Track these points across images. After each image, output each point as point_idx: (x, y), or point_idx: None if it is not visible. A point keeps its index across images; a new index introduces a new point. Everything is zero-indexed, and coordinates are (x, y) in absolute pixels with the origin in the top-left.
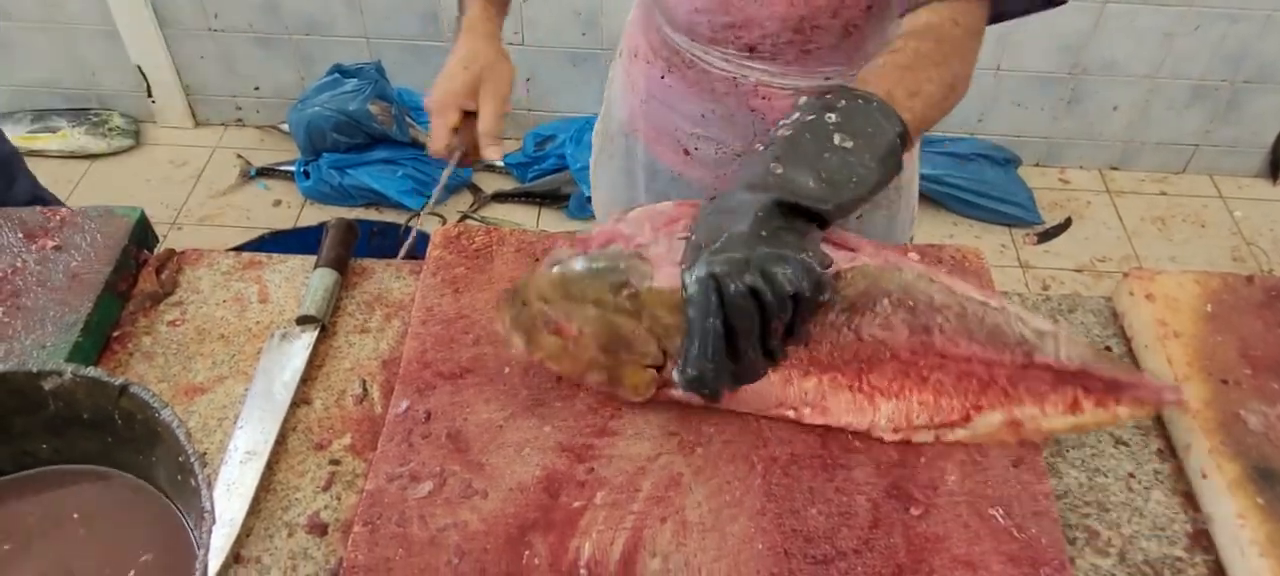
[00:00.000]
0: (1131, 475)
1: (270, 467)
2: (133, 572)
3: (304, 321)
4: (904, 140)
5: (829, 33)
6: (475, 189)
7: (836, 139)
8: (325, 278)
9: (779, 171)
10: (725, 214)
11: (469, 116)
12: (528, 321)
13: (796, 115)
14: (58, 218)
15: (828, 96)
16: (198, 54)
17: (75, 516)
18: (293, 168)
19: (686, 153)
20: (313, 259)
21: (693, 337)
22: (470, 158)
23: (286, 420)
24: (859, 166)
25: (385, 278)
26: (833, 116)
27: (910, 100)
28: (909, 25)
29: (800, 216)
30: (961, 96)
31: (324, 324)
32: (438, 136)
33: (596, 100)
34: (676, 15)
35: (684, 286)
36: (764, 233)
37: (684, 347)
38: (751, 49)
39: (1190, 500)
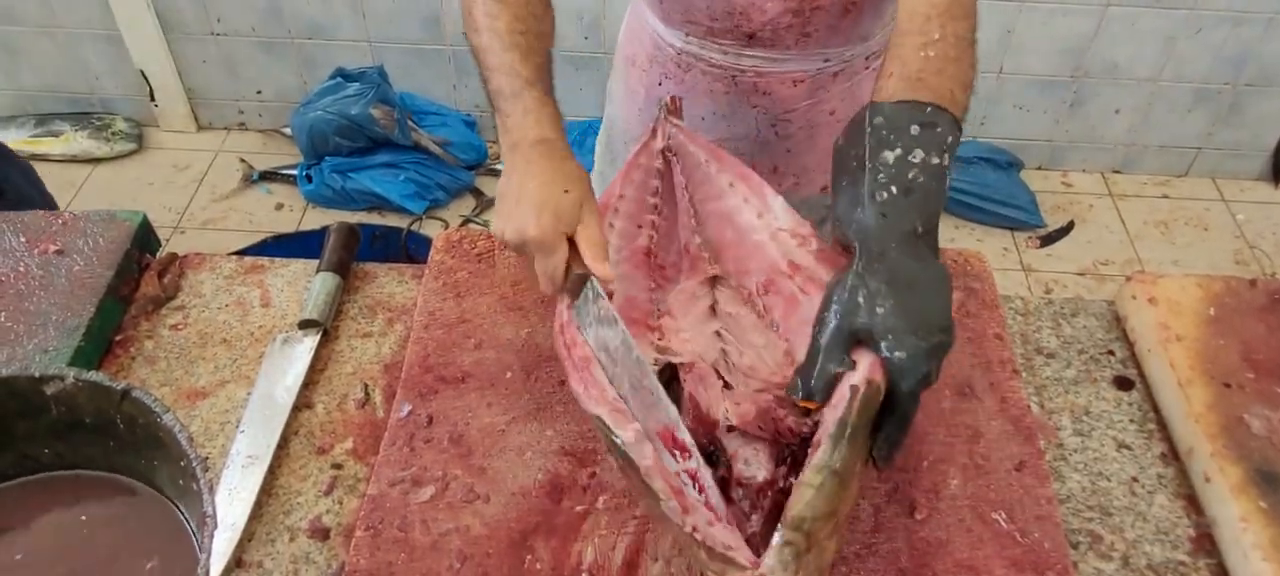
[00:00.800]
0: (1135, 479)
1: (272, 472)
2: None
3: (306, 326)
4: (959, 131)
5: (828, 13)
6: (478, 193)
7: (949, 183)
8: (327, 282)
9: (921, 231)
10: (911, 291)
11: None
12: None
13: (916, 150)
14: (60, 222)
15: (938, 128)
16: (200, 58)
17: (80, 521)
18: (295, 171)
19: None
20: (315, 263)
21: (902, 423)
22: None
23: (288, 424)
24: (945, 188)
25: (387, 282)
26: (947, 159)
27: (964, 94)
28: (933, 3)
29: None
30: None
31: (326, 328)
32: (554, 276)
33: (598, 104)
34: (673, 11)
35: (896, 385)
36: (944, 314)
37: (887, 434)
38: (751, 36)
39: (1193, 504)
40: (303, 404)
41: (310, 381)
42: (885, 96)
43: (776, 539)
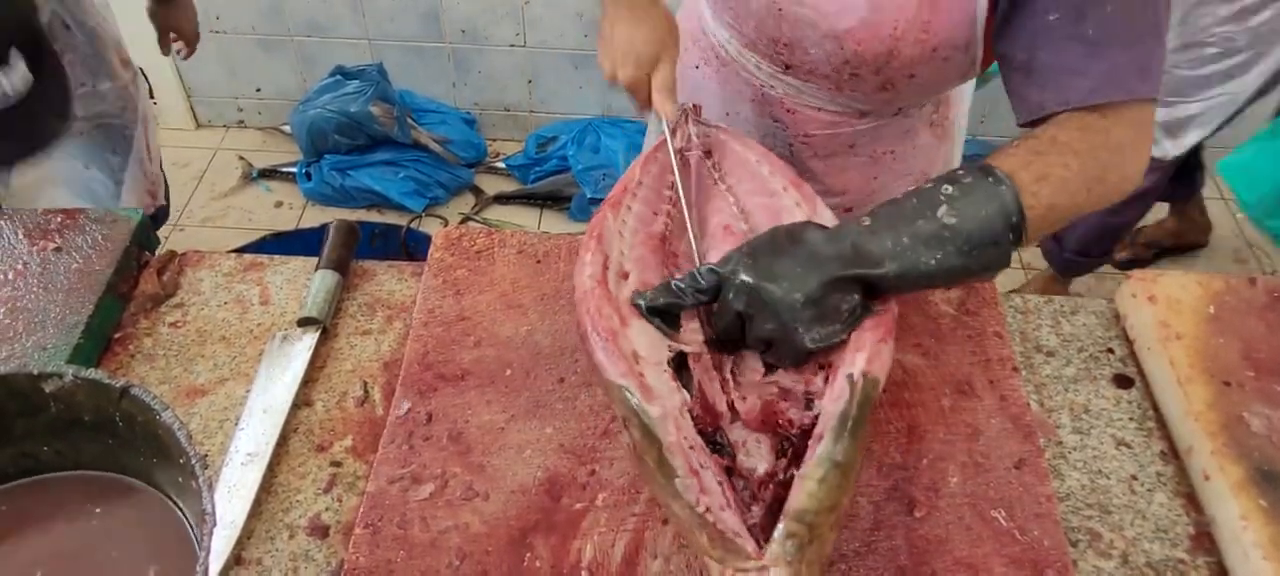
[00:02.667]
0: (1134, 477)
1: (271, 469)
2: None
3: (305, 323)
4: (1018, 232)
5: (867, 83)
6: (477, 190)
7: (941, 212)
8: (326, 280)
9: (866, 222)
10: (790, 253)
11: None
12: None
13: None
14: (59, 219)
15: (960, 170)
16: (199, 55)
17: (79, 521)
18: (294, 169)
19: None
20: (314, 260)
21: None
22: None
23: (288, 422)
24: (946, 248)
25: (387, 279)
26: (949, 188)
27: (1036, 185)
28: (1054, 125)
29: (857, 282)
30: (1120, 192)
31: (325, 326)
32: (639, 107)
33: (598, 102)
34: (724, 9)
35: (712, 271)
36: (810, 297)
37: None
38: (788, 67)
39: (1193, 502)
40: (302, 401)
41: (309, 379)
42: None
43: (780, 530)
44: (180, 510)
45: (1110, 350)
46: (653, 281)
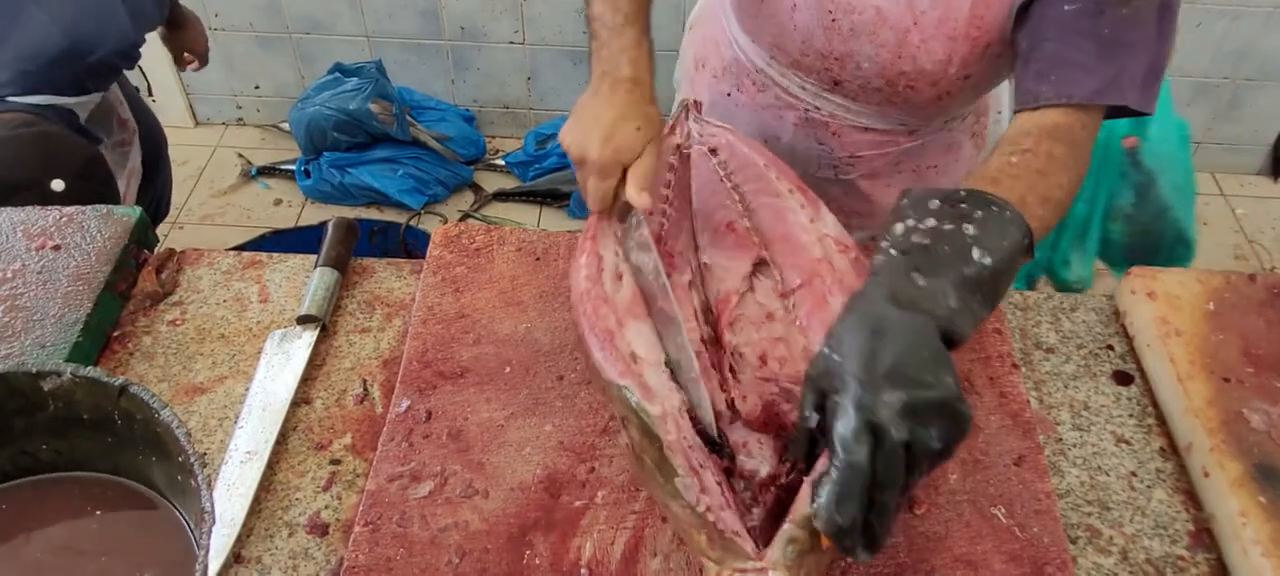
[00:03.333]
0: (1133, 474)
1: (271, 467)
2: None
3: (304, 321)
4: (1029, 251)
5: (921, 94)
6: (476, 188)
7: (975, 254)
8: (326, 277)
9: (922, 285)
10: (877, 336)
11: None
12: None
13: (929, 219)
14: (58, 218)
15: (963, 205)
16: None
17: (78, 521)
18: (293, 167)
19: None
20: (313, 258)
21: (843, 484)
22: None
23: (287, 420)
24: (985, 290)
25: (386, 277)
26: (971, 229)
27: (1042, 209)
28: (1034, 123)
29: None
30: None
31: (324, 323)
32: (602, 198)
33: None
34: (762, 31)
35: (833, 431)
36: (915, 364)
37: (829, 493)
38: (837, 83)
39: (1192, 499)
40: (301, 399)
41: (309, 377)
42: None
43: (784, 532)
44: (178, 509)
45: (1110, 347)
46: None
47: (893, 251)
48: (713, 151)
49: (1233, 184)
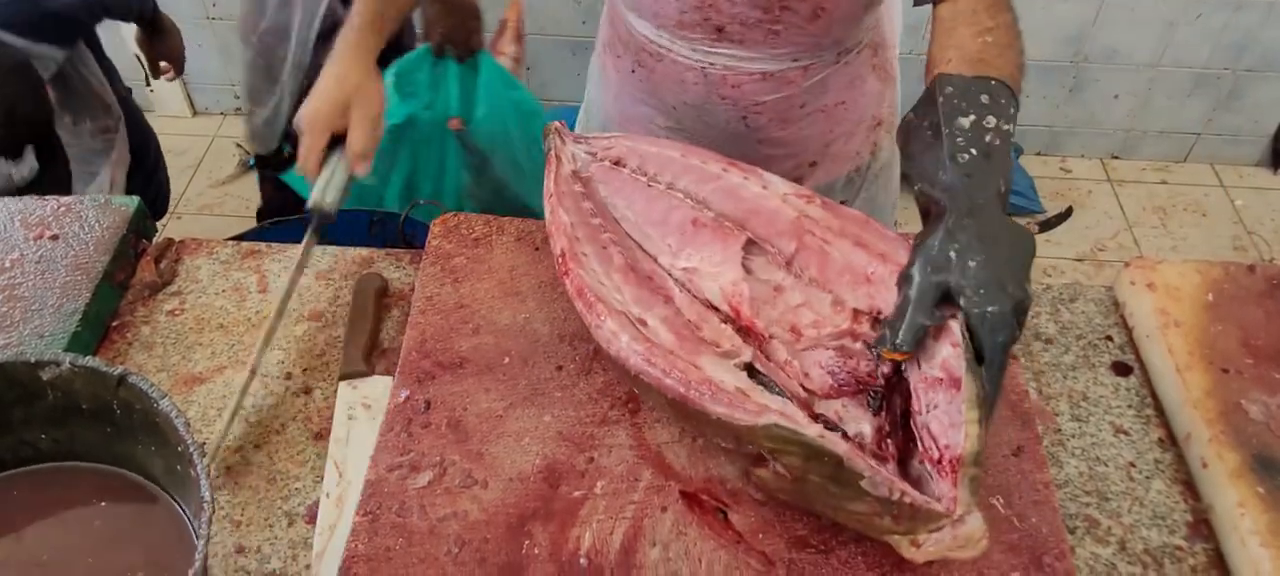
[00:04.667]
0: (1132, 464)
1: (270, 457)
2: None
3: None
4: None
5: (797, 14)
6: None
7: (1010, 151)
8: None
9: (1002, 189)
10: (993, 246)
11: (338, 139)
12: None
13: (988, 115)
14: (57, 207)
15: (996, 94)
16: (196, 43)
17: (77, 509)
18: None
19: None
20: (313, 252)
21: (995, 379)
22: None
23: (286, 409)
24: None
25: (384, 267)
26: (1007, 127)
27: (1021, 76)
28: (978, 1)
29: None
30: None
31: (332, 217)
32: (309, 157)
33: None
34: (643, 4)
35: (982, 320)
36: (1028, 270)
37: (992, 378)
38: (719, 30)
39: (1190, 489)
40: (300, 389)
41: (308, 366)
42: (953, 71)
43: (965, 476)
44: (177, 499)
45: (1109, 337)
46: (659, 310)
47: (974, 151)
48: (618, 163)
49: (1232, 175)
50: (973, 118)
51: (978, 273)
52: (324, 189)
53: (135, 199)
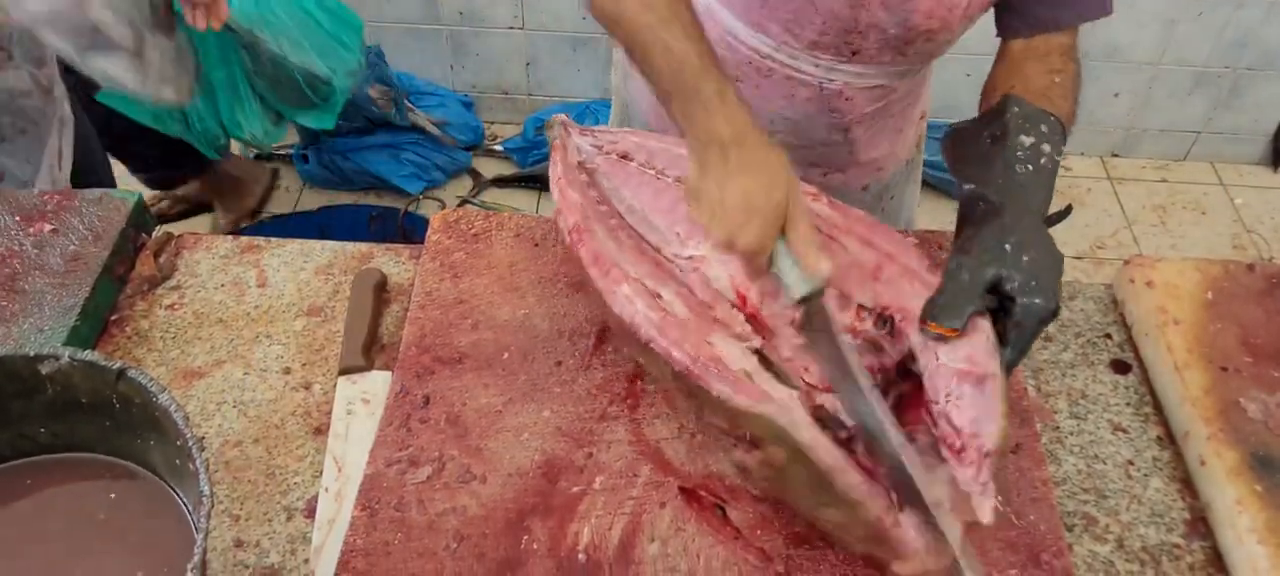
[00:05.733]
0: (1130, 462)
1: (268, 452)
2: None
3: None
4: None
5: (936, 42)
6: (475, 173)
7: (1045, 155)
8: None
9: (1045, 209)
10: (1040, 249)
11: None
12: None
13: (1044, 143)
14: (55, 201)
15: (1055, 126)
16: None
17: (77, 503)
18: (292, 151)
19: None
20: (313, 247)
21: (1024, 349)
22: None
23: (284, 404)
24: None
25: (384, 262)
26: (1056, 156)
27: (1075, 111)
28: (1055, 44)
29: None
30: None
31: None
32: (760, 272)
33: (597, 84)
34: (769, 19)
35: (1023, 311)
36: (1059, 277)
37: (1017, 348)
38: (855, 53)
39: (1188, 487)
40: (299, 384)
41: (307, 361)
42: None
43: (989, 466)
44: (177, 492)
45: (1108, 335)
46: (672, 286)
47: (1030, 166)
48: (625, 156)
49: (1232, 174)
50: (1032, 139)
51: (1030, 266)
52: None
53: (136, 193)
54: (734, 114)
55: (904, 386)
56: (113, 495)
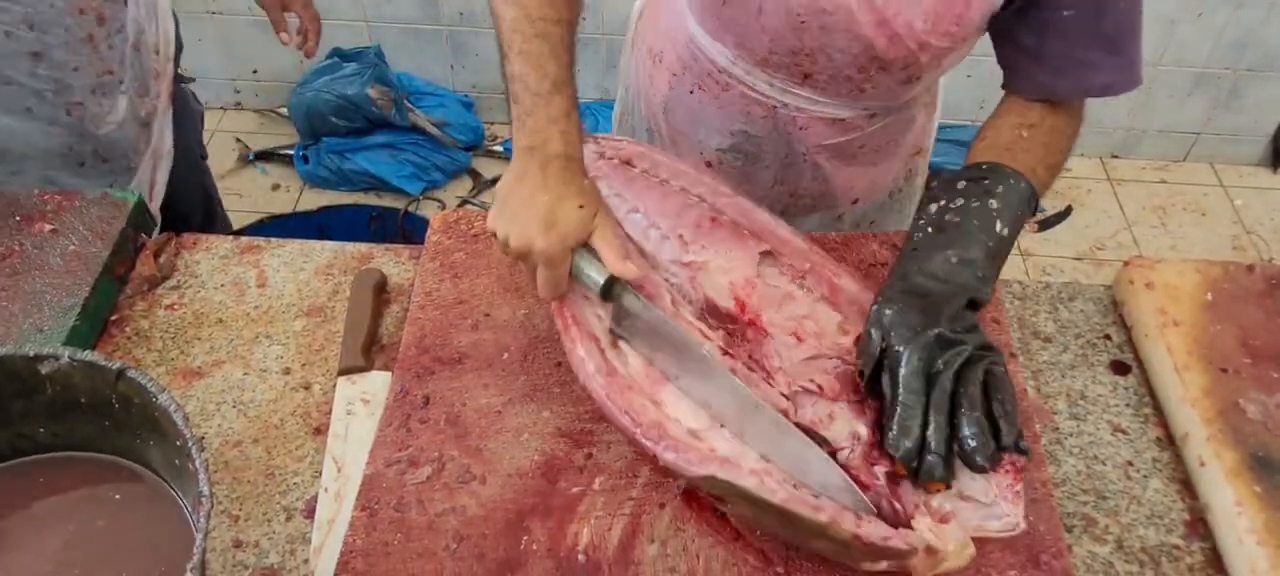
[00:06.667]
0: (1130, 463)
1: (268, 452)
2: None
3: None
4: (1033, 210)
5: (892, 78)
6: (475, 174)
7: (998, 227)
8: None
9: (954, 261)
10: (923, 312)
11: None
12: None
13: (958, 198)
14: (55, 200)
15: (986, 181)
16: (196, 37)
17: (77, 503)
18: (292, 152)
19: (709, 165)
20: (312, 247)
21: (903, 417)
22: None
23: (284, 404)
24: (1002, 253)
25: (384, 262)
26: (994, 203)
27: (1048, 174)
28: (1042, 103)
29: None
30: None
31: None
32: (555, 286)
33: (596, 85)
34: (724, 31)
35: (893, 376)
36: (952, 328)
37: (894, 427)
38: (806, 76)
39: (1188, 488)
40: (299, 384)
41: (306, 361)
42: (970, 159)
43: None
44: (176, 492)
45: (1107, 336)
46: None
47: (929, 229)
48: (628, 162)
49: (1232, 175)
50: (941, 203)
51: (890, 319)
52: None
53: (135, 193)
54: (571, 134)
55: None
56: (112, 495)
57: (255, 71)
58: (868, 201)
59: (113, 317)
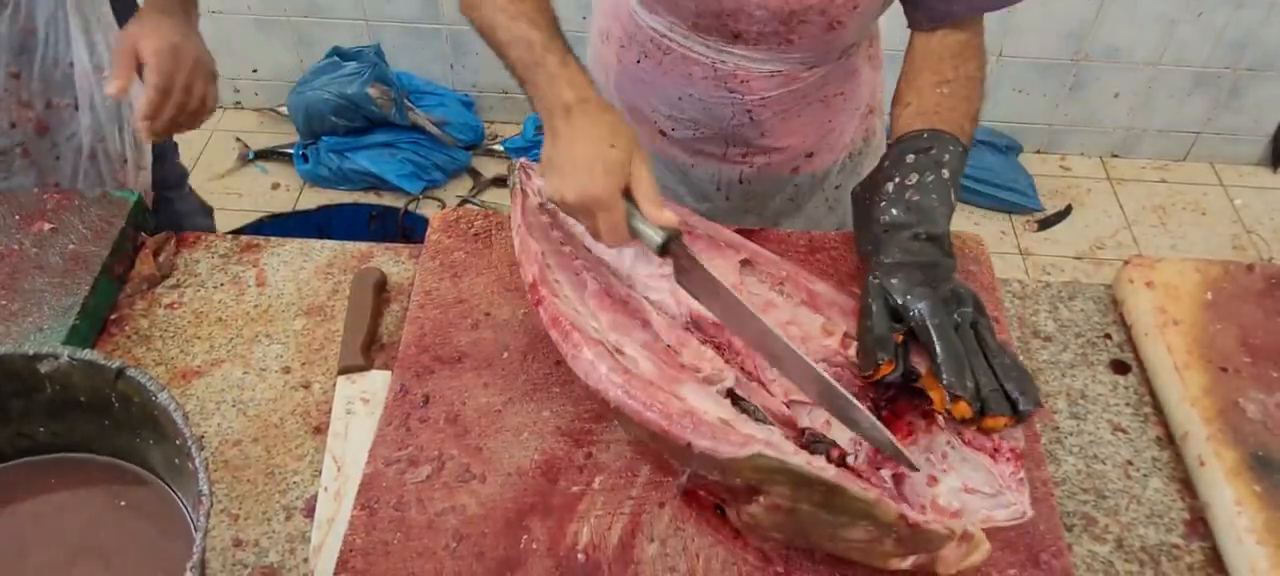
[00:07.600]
0: (1129, 462)
1: (268, 451)
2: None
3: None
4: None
5: (814, 27)
6: (475, 173)
7: (951, 196)
8: None
9: (924, 237)
10: (914, 269)
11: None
12: None
13: (912, 173)
14: (55, 200)
15: (932, 150)
16: None
17: (76, 503)
18: (291, 151)
19: (662, 133)
20: (312, 246)
21: (952, 359)
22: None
23: (284, 403)
24: (948, 193)
25: (384, 261)
26: (946, 173)
27: (972, 125)
28: (944, 47)
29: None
30: None
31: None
32: (619, 232)
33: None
34: (659, 3)
35: (924, 331)
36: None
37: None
38: (736, 36)
39: (1187, 487)
40: (299, 383)
41: (306, 360)
42: (901, 127)
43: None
44: (176, 491)
45: (1108, 336)
46: (637, 335)
47: (894, 211)
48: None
49: (1232, 174)
50: (896, 181)
51: (903, 286)
52: None
53: (135, 192)
54: (576, 77)
55: (890, 391)
56: (112, 494)
57: (255, 71)
58: (826, 160)
59: (112, 317)
